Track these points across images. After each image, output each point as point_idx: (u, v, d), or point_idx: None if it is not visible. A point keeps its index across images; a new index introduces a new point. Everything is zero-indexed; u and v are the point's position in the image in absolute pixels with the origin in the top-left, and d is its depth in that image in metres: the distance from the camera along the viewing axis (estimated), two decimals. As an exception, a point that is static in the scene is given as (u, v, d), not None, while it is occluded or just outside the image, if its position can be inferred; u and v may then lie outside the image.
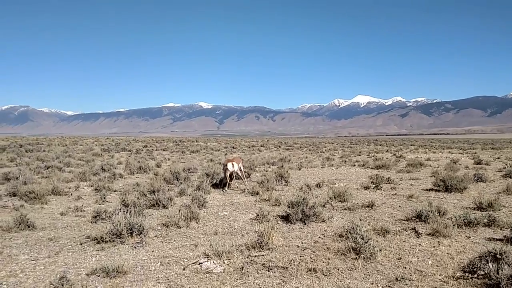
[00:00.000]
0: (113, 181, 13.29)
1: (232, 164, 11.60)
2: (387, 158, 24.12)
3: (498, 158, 25.14)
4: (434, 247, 5.75)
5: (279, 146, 47.11)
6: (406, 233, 6.50)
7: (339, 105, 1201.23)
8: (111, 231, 6.08)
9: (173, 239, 6.46)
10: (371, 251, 5.16)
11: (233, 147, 43.44)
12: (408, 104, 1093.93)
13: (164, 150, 36.09)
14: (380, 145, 53.62)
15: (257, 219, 7.57)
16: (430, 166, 19.36)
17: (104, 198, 9.92)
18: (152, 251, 5.80)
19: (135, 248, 5.91)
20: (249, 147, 43.52)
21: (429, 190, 11.36)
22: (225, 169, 11.66)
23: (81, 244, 6.15)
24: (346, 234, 6.01)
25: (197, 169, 16.81)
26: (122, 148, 35.68)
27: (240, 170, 12.65)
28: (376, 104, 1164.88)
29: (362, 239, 5.23)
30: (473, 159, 24.14)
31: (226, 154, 31.06)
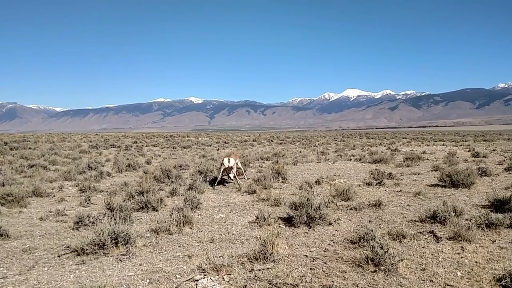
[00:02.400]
0: (100, 180, 12.50)
1: (228, 160, 10.93)
2: (382, 152, 23.61)
3: (494, 150, 24.88)
4: (458, 254, 5.12)
5: (272, 141, 46.41)
6: (424, 237, 5.85)
7: (329, 99, 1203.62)
8: (93, 241, 5.34)
9: (164, 248, 5.72)
10: (391, 261, 4.50)
11: (225, 142, 42.63)
12: (398, 97, 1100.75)
13: (154, 146, 35.17)
14: (372, 138, 53.23)
15: (257, 223, 6.87)
16: (428, 159, 18.92)
17: (89, 200, 9.13)
18: (140, 265, 5.06)
19: (121, 260, 5.17)
20: (241, 142, 42.75)
21: (435, 186, 10.77)
22: (221, 165, 11.03)
23: (59, 256, 5.40)
24: (359, 240, 5.37)
25: (189, 166, 16.05)
26: (111, 145, 34.63)
27: (239, 168, 11.98)
28: (366, 98, 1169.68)
29: (381, 248, 4.56)
30: (469, 151, 23.83)
31: (218, 149, 30.27)
